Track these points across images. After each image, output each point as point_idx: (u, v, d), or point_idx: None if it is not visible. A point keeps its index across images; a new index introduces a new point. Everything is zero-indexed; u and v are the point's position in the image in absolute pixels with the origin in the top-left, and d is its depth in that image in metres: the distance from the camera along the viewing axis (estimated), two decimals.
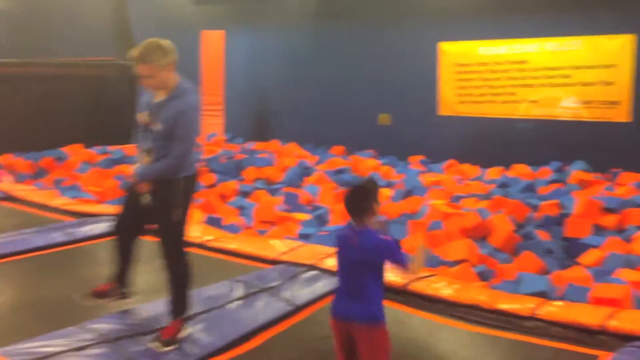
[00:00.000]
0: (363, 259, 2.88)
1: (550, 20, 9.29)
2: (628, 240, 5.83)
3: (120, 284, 4.14)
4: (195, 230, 6.20)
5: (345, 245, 2.95)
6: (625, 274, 4.93)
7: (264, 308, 4.30)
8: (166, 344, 3.68)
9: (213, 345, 3.79)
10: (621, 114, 8.73)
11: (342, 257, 2.98)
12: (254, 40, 12.60)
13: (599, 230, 6.26)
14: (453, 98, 10.21)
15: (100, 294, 4.12)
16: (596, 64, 8.88)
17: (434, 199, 7.26)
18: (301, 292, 4.57)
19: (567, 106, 9.20)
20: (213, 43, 12.45)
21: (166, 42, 3.67)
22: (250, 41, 12.64)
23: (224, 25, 12.52)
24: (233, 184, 8.33)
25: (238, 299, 4.42)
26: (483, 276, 5.33)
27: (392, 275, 4.75)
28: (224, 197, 7.87)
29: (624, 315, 3.96)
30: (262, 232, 6.52)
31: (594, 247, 5.69)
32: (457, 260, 5.53)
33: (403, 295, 4.62)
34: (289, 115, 12.13)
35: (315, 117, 11.77)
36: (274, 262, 5.34)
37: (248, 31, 12.63)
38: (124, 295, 4.17)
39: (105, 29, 12.98)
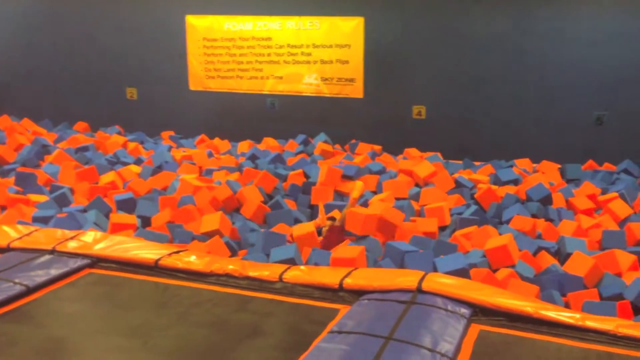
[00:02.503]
0: None
1: None
2: (365, 204, 6.38)
3: None
4: None
5: None
6: None
7: None
8: None
9: None
10: (356, 91, 9.50)
11: None
12: None
13: (340, 196, 6.77)
14: (202, 73, 10.13)
15: None
16: (333, 43, 9.51)
17: (184, 174, 7.15)
18: (32, 276, 4.17)
19: (309, 82, 9.72)
20: None
21: None
22: None
23: None
24: None
25: None
26: (236, 248, 5.43)
27: (145, 253, 4.62)
28: None
29: (359, 273, 4.32)
30: None
31: None
32: (209, 233, 5.53)
33: (155, 270, 4.51)
34: (22, 87, 10.92)
35: (53, 91, 10.77)
36: (2, 250, 4.77)
37: None
38: None
39: None
